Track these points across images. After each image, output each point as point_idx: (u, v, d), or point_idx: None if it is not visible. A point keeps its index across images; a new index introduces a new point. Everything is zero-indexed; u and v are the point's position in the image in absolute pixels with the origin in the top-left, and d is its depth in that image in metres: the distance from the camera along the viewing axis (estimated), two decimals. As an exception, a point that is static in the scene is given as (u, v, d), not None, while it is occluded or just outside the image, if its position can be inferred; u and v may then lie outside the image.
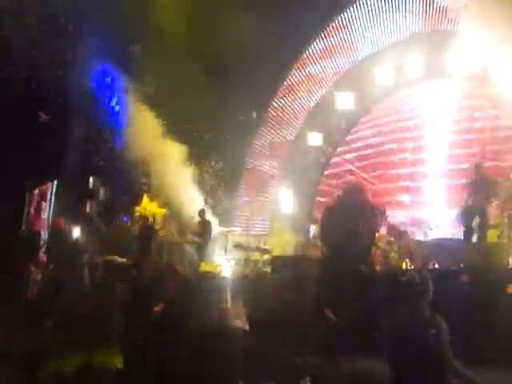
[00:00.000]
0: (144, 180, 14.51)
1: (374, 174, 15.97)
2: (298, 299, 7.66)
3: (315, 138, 17.18)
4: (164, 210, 13.89)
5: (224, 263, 12.56)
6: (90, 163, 13.38)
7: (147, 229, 12.64)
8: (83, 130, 13.22)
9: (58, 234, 11.84)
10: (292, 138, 17.08)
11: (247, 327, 7.10)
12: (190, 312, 7.16)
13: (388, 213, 8.23)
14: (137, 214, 13.54)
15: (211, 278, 10.77)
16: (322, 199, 16.73)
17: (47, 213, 12.75)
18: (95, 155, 13.71)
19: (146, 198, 14.12)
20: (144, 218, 12.82)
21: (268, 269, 10.76)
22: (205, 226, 13.36)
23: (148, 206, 13.89)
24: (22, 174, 11.37)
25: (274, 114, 16.56)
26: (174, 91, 12.68)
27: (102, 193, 13.97)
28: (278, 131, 16.88)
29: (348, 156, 17.20)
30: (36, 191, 12.68)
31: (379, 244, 10.19)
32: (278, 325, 7.07)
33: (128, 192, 14.31)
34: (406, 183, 15.36)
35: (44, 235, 12.38)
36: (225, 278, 10.96)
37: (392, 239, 10.99)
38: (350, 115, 16.98)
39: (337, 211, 6.67)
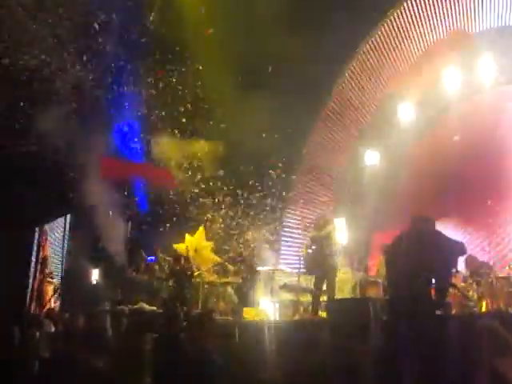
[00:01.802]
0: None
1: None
2: (360, 349, 7.56)
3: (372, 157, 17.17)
4: (210, 244, 14.23)
5: (269, 307, 12.51)
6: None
7: (181, 269, 12.90)
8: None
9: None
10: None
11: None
12: (232, 369, 7.02)
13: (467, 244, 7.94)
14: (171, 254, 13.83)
15: (255, 325, 10.80)
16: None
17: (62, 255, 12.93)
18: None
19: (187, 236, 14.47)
20: (177, 257, 13.00)
21: (322, 313, 10.66)
22: (247, 264, 13.54)
23: (190, 243, 14.14)
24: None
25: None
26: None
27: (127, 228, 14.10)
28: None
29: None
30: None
31: (456, 282, 10.01)
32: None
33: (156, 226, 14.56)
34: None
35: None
36: (271, 324, 10.53)
37: (470, 275, 10.80)
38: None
39: (405, 244, 6.46)
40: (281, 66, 14.63)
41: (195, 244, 14.21)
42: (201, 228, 14.77)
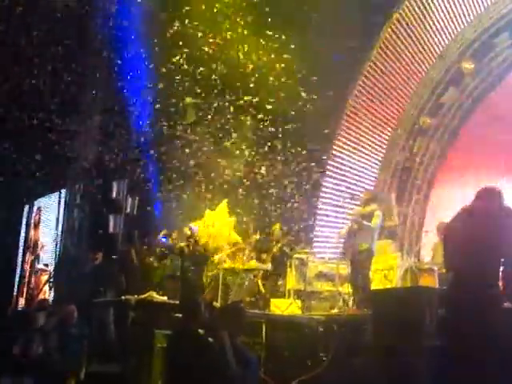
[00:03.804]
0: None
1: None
2: (409, 348, 7.64)
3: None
4: (232, 221, 14.38)
5: (303, 299, 12.41)
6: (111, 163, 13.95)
7: (198, 253, 13.13)
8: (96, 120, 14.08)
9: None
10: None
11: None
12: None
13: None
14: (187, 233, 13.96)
15: (285, 321, 10.95)
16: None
17: (57, 232, 13.02)
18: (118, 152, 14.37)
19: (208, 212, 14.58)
20: (193, 238, 13.12)
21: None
22: (276, 247, 13.45)
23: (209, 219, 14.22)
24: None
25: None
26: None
27: (129, 203, 14.15)
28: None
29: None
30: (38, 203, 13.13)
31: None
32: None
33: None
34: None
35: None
36: (304, 319, 10.90)
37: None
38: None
39: (467, 223, 6.36)
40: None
41: (214, 220, 14.31)
42: (224, 202, 14.82)
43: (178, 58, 15.48)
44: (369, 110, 17.19)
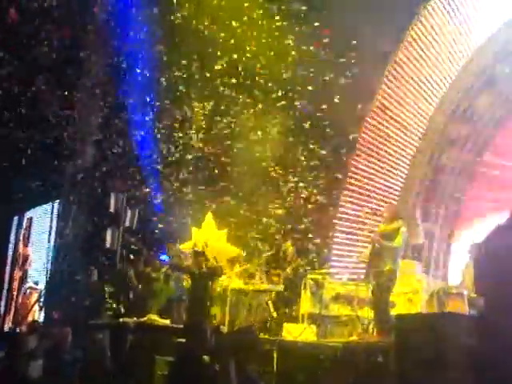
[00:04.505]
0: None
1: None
2: (435, 381, 7.61)
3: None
4: (224, 233, 14.38)
5: (318, 324, 12.31)
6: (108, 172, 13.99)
7: (206, 272, 12.65)
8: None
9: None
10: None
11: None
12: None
13: None
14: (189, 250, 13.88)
15: (299, 348, 10.85)
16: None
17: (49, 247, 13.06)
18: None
19: (196, 230, 14.58)
20: (198, 253, 12.86)
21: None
22: (289, 267, 13.44)
23: (204, 238, 14.17)
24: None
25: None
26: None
27: (128, 217, 14.14)
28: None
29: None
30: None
31: None
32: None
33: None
34: None
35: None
36: (319, 347, 10.81)
37: None
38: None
39: (503, 243, 6.30)
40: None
41: (204, 238, 14.22)
42: (208, 215, 14.83)
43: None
44: (393, 118, 17.23)
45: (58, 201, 14.02)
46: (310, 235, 16.22)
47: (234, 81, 16.71)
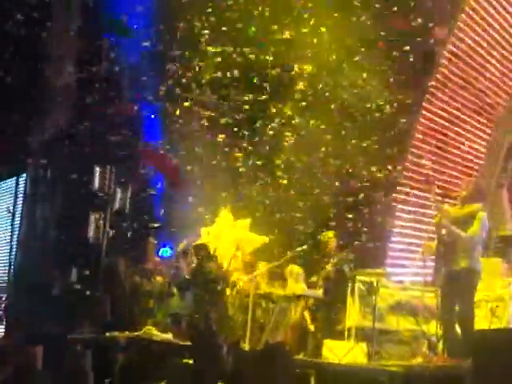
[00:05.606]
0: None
1: None
2: None
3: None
4: (247, 221, 14.32)
5: (370, 341, 11.75)
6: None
7: (215, 273, 12.75)
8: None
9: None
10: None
11: None
12: None
13: None
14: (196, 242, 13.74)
15: (345, 373, 10.45)
16: None
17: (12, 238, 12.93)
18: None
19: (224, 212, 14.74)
20: (204, 247, 12.97)
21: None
22: (330, 265, 13.08)
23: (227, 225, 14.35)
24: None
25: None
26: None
27: (118, 196, 13.87)
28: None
29: None
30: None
31: None
32: None
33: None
34: None
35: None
36: (371, 371, 10.39)
37: None
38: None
39: None
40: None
41: (217, 232, 14.22)
42: (223, 211, 14.63)
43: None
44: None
45: (22, 176, 13.57)
46: (360, 223, 15.81)
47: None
